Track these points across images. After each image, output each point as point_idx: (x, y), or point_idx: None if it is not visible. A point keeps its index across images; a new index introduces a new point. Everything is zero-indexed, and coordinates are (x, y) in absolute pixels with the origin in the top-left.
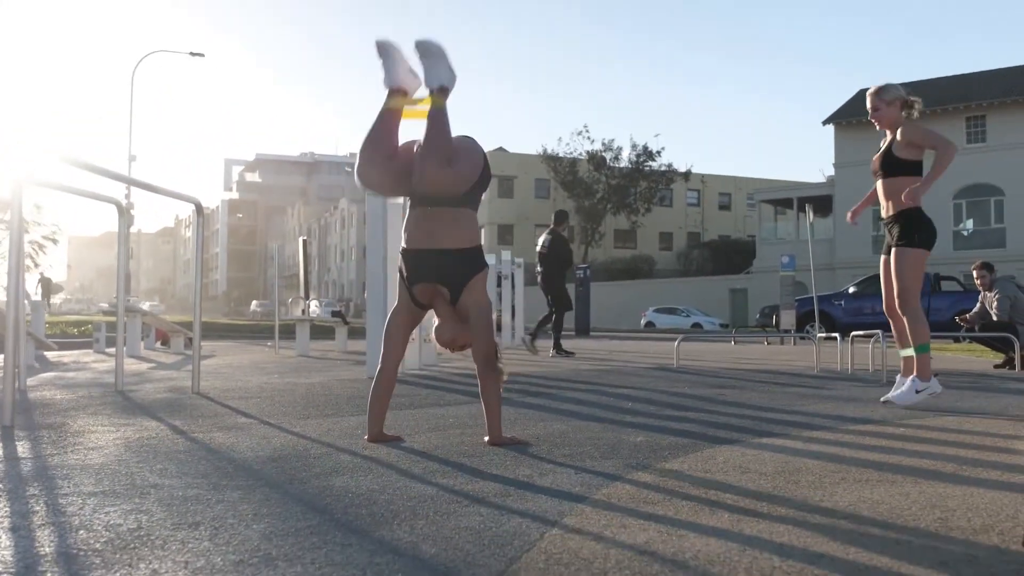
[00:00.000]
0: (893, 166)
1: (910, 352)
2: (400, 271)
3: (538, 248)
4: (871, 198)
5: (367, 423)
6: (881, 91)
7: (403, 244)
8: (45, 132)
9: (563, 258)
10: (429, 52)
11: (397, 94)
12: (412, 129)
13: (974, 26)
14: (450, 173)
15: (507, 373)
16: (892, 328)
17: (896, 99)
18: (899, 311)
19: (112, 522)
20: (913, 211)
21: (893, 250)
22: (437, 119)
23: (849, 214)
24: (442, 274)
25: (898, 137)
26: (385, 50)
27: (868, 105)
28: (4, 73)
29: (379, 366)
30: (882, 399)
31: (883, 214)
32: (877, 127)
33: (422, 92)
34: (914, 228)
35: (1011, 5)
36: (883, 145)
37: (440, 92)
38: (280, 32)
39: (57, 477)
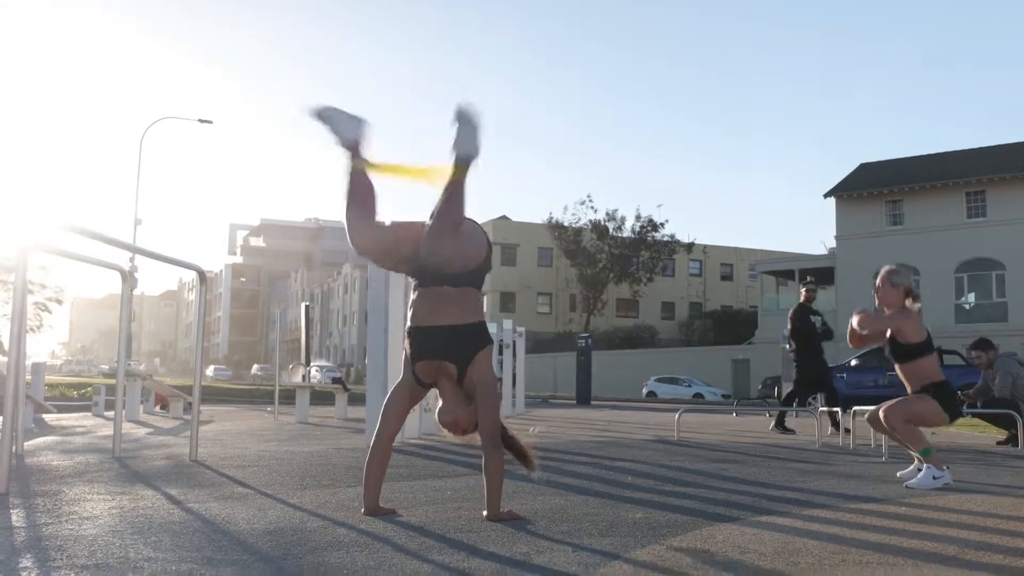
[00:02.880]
0: (902, 353)
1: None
2: (405, 350)
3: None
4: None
5: (362, 496)
6: (892, 274)
7: (408, 323)
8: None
9: (800, 330)
10: (466, 120)
11: (355, 151)
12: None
13: (974, 103)
14: (458, 243)
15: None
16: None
17: (901, 285)
18: (888, 425)
19: None
20: (942, 386)
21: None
22: (455, 192)
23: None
24: (447, 350)
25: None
26: (321, 114)
27: (876, 281)
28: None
29: (374, 440)
30: (903, 482)
31: (908, 392)
32: (876, 303)
33: (421, 163)
34: (945, 400)
35: (1010, 84)
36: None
37: (463, 163)
38: (287, 99)
39: (50, 548)
